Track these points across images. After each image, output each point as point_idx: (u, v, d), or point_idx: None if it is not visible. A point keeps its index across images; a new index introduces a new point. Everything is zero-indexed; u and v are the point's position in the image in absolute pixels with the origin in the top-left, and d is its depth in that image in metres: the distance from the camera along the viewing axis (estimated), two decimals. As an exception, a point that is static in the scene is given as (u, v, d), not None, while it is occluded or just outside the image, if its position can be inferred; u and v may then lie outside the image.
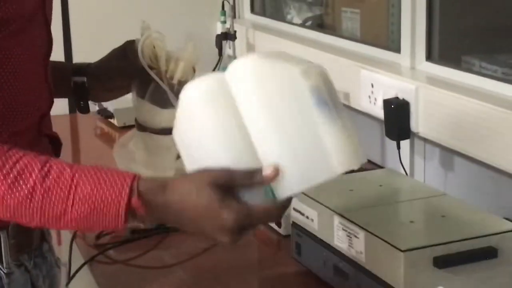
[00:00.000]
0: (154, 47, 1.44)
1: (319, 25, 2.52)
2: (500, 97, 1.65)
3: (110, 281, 1.50)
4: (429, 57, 1.92)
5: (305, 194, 1.43)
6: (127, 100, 2.46)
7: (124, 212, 1.07)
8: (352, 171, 1.15)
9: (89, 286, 1.55)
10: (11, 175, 1.06)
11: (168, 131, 1.25)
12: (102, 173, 1.09)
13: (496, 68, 1.80)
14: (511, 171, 1.58)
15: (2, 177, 1.06)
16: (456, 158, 1.80)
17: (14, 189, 1.05)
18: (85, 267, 1.55)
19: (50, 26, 1.29)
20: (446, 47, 1.93)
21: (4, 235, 1.22)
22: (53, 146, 1.34)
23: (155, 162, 1.46)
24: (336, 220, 1.34)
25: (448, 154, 1.81)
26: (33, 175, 1.06)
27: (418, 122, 1.81)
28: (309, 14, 2.58)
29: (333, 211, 1.35)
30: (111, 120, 2.48)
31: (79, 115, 2.62)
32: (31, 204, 1.06)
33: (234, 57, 2.70)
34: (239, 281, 1.49)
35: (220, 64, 2.70)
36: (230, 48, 2.70)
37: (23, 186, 1.06)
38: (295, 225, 1.47)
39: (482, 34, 1.98)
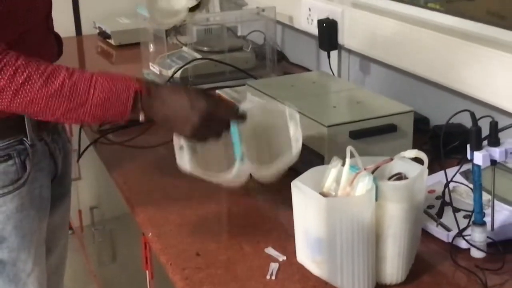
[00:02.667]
0: None
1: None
2: (406, 16, 1.65)
3: (110, 158, 1.52)
4: (353, -14, 1.91)
5: (256, 89, 1.47)
6: (122, 24, 2.47)
7: (133, 96, 1.06)
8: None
9: (94, 161, 1.59)
10: (45, 74, 1.05)
11: None
12: (113, 73, 1.09)
13: (404, -5, 1.82)
14: (412, 71, 1.61)
15: (38, 75, 1.05)
16: (372, 64, 1.82)
17: (48, 84, 1.04)
18: (91, 147, 1.58)
19: None
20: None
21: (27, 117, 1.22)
22: (58, 43, 1.33)
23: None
24: (279, 106, 1.37)
25: (367, 62, 1.83)
26: (62, 74, 1.06)
27: (344, 37, 1.82)
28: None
29: (277, 100, 1.37)
30: (109, 40, 2.45)
31: (84, 37, 2.63)
32: (61, 94, 1.05)
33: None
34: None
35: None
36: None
37: (55, 81, 1.05)
38: (249, 113, 1.51)
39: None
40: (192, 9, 1.30)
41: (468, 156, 1.04)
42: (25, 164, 1.22)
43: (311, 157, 1.29)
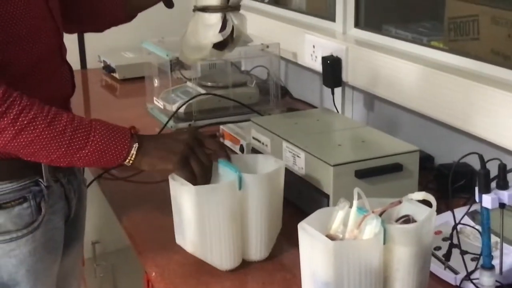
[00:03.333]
0: None
1: (275, 1, 2.48)
2: (409, 54, 1.66)
3: (113, 193, 1.50)
4: (357, 24, 1.92)
5: (260, 126, 1.46)
6: (126, 58, 2.47)
7: (128, 145, 1.10)
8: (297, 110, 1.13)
9: (96, 195, 1.57)
10: (50, 116, 1.06)
11: (212, 8, 1.26)
12: (108, 123, 1.12)
13: (407, 34, 1.82)
14: (416, 109, 1.61)
15: (43, 117, 1.06)
16: (376, 101, 1.82)
17: (52, 126, 1.06)
18: (95, 182, 1.56)
19: None
20: (370, 18, 1.93)
21: None
22: (70, 73, 1.32)
23: (199, 33, 1.31)
24: (284, 144, 1.36)
25: (370, 98, 1.83)
26: (64, 117, 1.07)
27: (348, 74, 1.81)
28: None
29: (282, 138, 1.37)
30: (114, 74, 2.46)
31: (88, 70, 2.63)
32: (63, 137, 1.06)
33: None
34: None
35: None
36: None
37: (59, 124, 1.06)
38: (254, 150, 1.49)
39: (397, 7, 1.99)
40: (220, 47, 1.29)
41: (477, 199, 1.02)
42: (40, 206, 1.20)
43: (316, 196, 1.27)
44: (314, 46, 1.95)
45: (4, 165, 1.16)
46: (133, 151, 1.12)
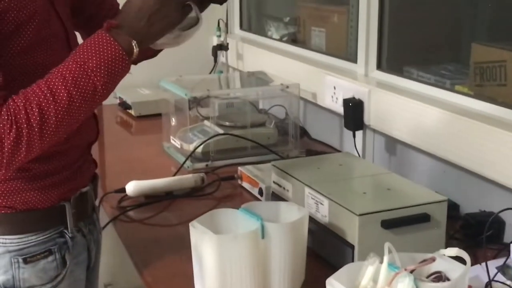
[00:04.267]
0: None
1: (293, 40, 2.48)
2: (433, 98, 1.65)
3: (128, 235, 1.47)
4: (379, 66, 1.90)
5: (281, 170, 1.44)
6: (142, 95, 2.47)
7: (114, 40, 1.04)
8: (317, 154, 1.11)
9: (112, 239, 1.55)
10: (48, 95, 1.01)
11: None
12: (84, 46, 1.05)
13: (430, 76, 1.80)
14: (439, 155, 1.58)
15: (46, 101, 1.00)
16: (398, 145, 1.79)
17: (57, 100, 1.01)
18: (110, 224, 1.53)
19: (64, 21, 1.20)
20: (392, 59, 1.92)
21: (68, 206, 1.19)
22: (95, 119, 1.32)
23: None
24: (307, 191, 1.33)
25: (392, 142, 1.81)
26: (59, 83, 1.02)
27: (370, 117, 1.80)
28: (285, 31, 2.55)
29: (304, 183, 1.34)
30: (129, 111, 2.45)
31: (104, 107, 2.62)
32: (74, 100, 1.02)
33: (226, 63, 2.68)
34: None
35: (215, 69, 2.68)
36: (223, 56, 2.67)
37: (60, 94, 1.01)
38: (274, 194, 1.46)
39: (419, 49, 1.98)
40: None
41: (512, 256, 0.99)
42: (65, 259, 1.19)
43: (340, 246, 1.24)
44: (335, 88, 1.94)
45: (28, 216, 1.14)
46: (132, 44, 1.05)
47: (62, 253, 1.18)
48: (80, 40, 1.27)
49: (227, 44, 2.63)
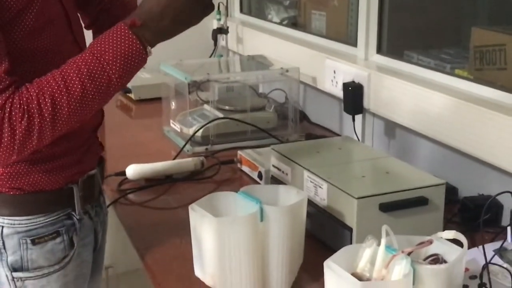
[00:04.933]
0: None
1: (294, 23, 2.48)
2: (433, 83, 1.65)
3: (129, 218, 1.48)
4: (379, 50, 1.90)
5: (281, 154, 1.44)
6: (142, 78, 2.47)
7: (133, 34, 1.04)
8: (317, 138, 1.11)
9: (113, 222, 1.55)
10: (61, 85, 1.02)
11: None
12: (104, 38, 1.05)
13: (430, 60, 1.80)
14: (439, 139, 1.59)
15: (59, 90, 1.01)
16: (397, 129, 1.79)
17: (70, 90, 1.02)
18: (110, 207, 1.53)
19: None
20: (392, 43, 1.91)
21: (76, 188, 1.20)
22: None
23: None
24: (305, 174, 1.34)
25: (392, 126, 1.81)
26: (72, 74, 1.02)
27: (369, 101, 1.80)
28: (286, 15, 2.55)
29: (303, 167, 1.35)
30: (129, 95, 2.45)
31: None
32: (88, 91, 1.03)
33: (226, 47, 2.68)
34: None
35: (215, 52, 2.68)
36: (223, 40, 2.66)
37: (74, 84, 1.02)
38: (273, 178, 1.47)
39: (419, 33, 1.97)
40: None
41: (509, 239, 1.00)
42: (72, 241, 1.20)
43: (339, 229, 1.25)
44: (335, 72, 1.94)
45: (36, 198, 1.15)
46: (143, 41, 1.05)
47: (69, 235, 1.19)
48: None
49: (227, 27, 2.62)
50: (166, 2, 1.06)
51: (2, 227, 1.15)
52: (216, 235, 1.09)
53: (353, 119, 1.85)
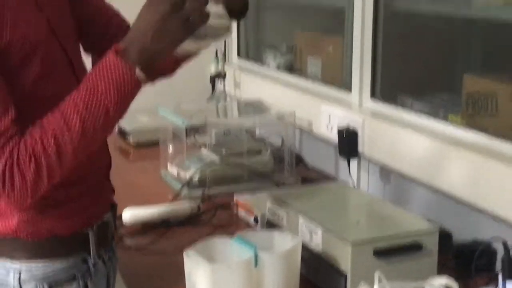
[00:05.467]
0: None
1: (290, 68, 2.51)
2: (426, 128, 1.66)
3: (125, 264, 1.45)
4: (373, 96, 1.92)
5: (276, 199, 1.45)
6: (141, 122, 2.49)
7: (119, 60, 1.05)
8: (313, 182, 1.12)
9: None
10: (62, 121, 1.04)
11: None
12: (95, 70, 1.06)
13: (424, 105, 1.82)
14: (432, 184, 1.60)
15: (59, 128, 1.04)
16: (392, 173, 1.81)
17: (70, 126, 1.04)
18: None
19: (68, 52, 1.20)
20: (386, 88, 1.93)
21: (91, 233, 1.21)
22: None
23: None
24: (300, 219, 1.34)
25: (386, 171, 1.82)
26: (70, 109, 1.04)
27: (364, 146, 1.81)
28: (282, 60, 2.57)
29: (298, 212, 1.36)
30: (127, 139, 2.45)
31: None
32: (87, 124, 1.04)
33: (224, 91, 2.71)
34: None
35: (213, 96, 2.70)
36: (221, 84, 2.69)
37: (73, 119, 1.04)
38: (269, 223, 1.48)
39: (413, 78, 1.99)
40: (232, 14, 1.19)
41: (500, 286, 1.01)
42: (87, 286, 1.21)
43: (333, 274, 1.25)
44: (330, 117, 1.96)
45: (52, 242, 1.17)
46: (130, 64, 1.05)
47: (85, 280, 1.20)
48: (88, 65, 1.30)
49: (225, 72, 2.66)
50: (143, 21, 1.06)
51: (20, 272, 1.16)
52: (211, 282, 1.09)
53: (348, 164, 1.86)
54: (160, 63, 1.11)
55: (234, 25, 2.78)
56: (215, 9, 1.11)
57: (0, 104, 1.04)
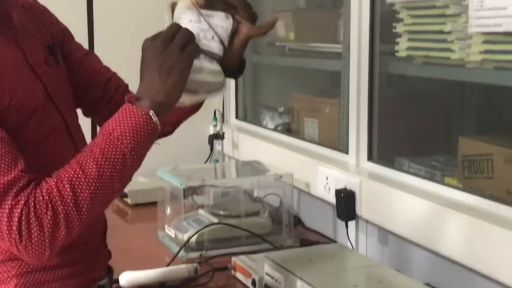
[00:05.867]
0: None
1: (288, 129, 2.52)
2: (423, 190, 1.67)
3: None
4: (370, 157, 1.93)
5: (274, 262, 1.45)
6: (139, 183, 2.49)
7: (134, 106, 1.06)
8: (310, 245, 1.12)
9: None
10: (78, 170, 1.04)
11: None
12: (112, 121, 1.08)
13: (420, 167, 1.82)
14: (430, 247, 1.59)
15: (76, 175, 1.03)
16: (390, 236, 1.80)
17: (87, 173, 1.03)
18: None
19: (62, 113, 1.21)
20: (383, 150, 1.94)
21: None
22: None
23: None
24: (298, 283, 1.34)
25: (384, 233, 1.82)
26: (87, 157, 1.05)
27: (362, 208, 1.81)
28: (280, 121, 2.60)
29: (296, 276, 1.36)
30: (125, 199, 2.46)
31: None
32: (106, 171, 1.04)
33: (222, 152, 2.73)
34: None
35: (211, 157, 2.72)
36: (219, 145, 2.71)
37: (90, 167, 1.04)
38: (266, 285, 1.48)
39: (410, 140, 1.99)
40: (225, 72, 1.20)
41: None
42: None
43: None
44: (327, 178, 1.97)
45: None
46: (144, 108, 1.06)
47: None
48: (85, 131, 1.31)
49: (223, 133, 2.68)
50: (145, 63, 1.08)
51: None
52: None
53: (346, 226, 1.86)
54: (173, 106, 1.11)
55: (232, 86, 2.83)
56: (209, 66, 1.14)
57: (8, 155, 1.03)
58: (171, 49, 1.07)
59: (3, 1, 1.18)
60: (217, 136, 2.68)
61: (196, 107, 1.34)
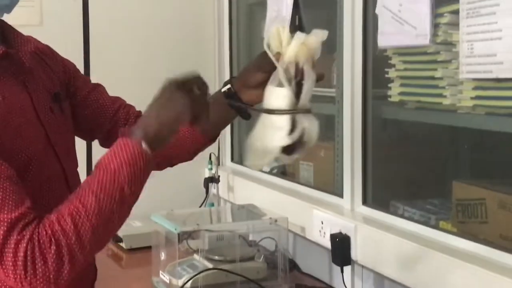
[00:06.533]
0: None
1: (283, 173, 2.53)
2: (418, 235, 1.67)
3: None
4: (365, 202, 1.93)
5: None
6: (134, 227, 2.48)
7: (129, 140, 1.09)
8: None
9: None
10: (79, 207, 1.06)
11: (279, 111, 1.18)
12: (107, 156, 1.10)
13: (415, 211, 1.82)
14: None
15: (76, 211, 1.05)
16: (386, 281, 1.79)
17: (87, 208, 1.05)
18: None
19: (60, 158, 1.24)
20: (377, 194, 1.94)
21: None
22: None
23: (266, 136, 1.22)
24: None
25: (380, 278, 1.81)
26: (86, 193, 1.07)
27: (357, 253, 1.81)
28: (275, 164, 2.61)
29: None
30: (120, 244, 2.45)
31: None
32: (106, 204, 1.06)
33: (218, 196, 2.72)
34: None
35: (207, 200, 2.72)
36: (214, 188, 2.71)
37: (89, 201, 1.06)
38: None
39: (404, 184, 2.00)
40: (288, 151, 1.21)
41: None
42: None
43: None
44: (322, 222, 1.96)
45: None
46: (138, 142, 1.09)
47: None
48: (81, 152, 1.34)
49: (219, 176, 2.68)
50: (155, 97, 1.13)
51: None
52: None
53: (342, 271, 1.84)
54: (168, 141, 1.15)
55: (228, 129, 2.84)
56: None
57: (16, 193, 1.05)
58: (179, 88, 1.12)
59: (16, 45, 1.21)
60: (213, 180, 2.68)
61: (213, 137, 1.44)
